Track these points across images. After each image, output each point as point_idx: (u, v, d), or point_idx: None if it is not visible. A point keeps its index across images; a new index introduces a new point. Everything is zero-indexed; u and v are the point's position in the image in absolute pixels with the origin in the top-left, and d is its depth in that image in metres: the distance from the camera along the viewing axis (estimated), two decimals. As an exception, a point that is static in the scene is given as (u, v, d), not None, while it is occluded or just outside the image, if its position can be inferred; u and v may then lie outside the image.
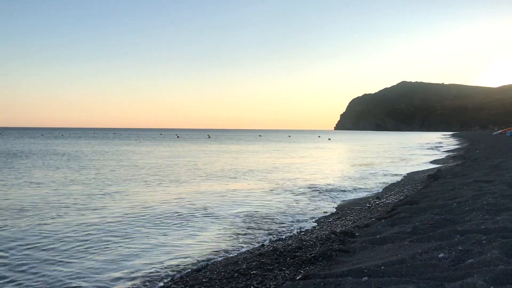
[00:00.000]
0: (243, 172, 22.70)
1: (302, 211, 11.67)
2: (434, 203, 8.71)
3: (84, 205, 12.30)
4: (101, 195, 14.09)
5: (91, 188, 15.69)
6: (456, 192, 9.94)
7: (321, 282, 4.42)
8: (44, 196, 13.81)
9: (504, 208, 7.16)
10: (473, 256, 4.70)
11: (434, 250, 5.14)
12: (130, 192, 14.84)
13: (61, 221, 10.05)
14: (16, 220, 10.14)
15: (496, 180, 10.98)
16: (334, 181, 18.68)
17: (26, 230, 9.10)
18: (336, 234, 7.70)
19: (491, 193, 8.77)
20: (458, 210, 7.60)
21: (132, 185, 16.86)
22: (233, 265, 6.33)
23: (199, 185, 17.21)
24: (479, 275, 3.98)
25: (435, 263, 4.64)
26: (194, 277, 6.04)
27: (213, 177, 20.14)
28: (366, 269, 4.73)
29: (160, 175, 20.68)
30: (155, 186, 16.54)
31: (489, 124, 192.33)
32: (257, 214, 11.06)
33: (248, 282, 5.47)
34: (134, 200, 13.19)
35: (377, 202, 12.54)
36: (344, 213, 11.05)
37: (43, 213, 10.95)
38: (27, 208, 11.66)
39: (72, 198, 13.45)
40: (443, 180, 13.84)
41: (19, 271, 6.56)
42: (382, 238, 6.35)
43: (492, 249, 4.74)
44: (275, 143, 72.73)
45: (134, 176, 19.82)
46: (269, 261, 6.23)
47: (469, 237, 5.41)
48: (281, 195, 14.52)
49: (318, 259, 5.96)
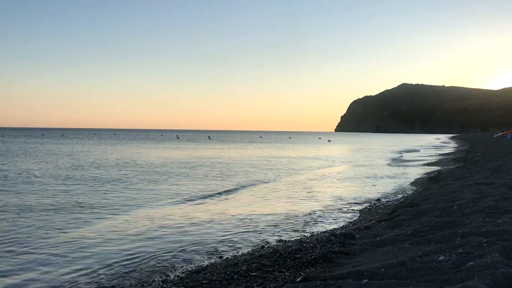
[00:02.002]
0: (238, 172, 22.70)
1: (302, 213, 11.65)
2: (434, 205, 8.70)
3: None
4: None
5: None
6: (457, 194, 9.94)
7: (321, 284, 4.42)
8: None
9: (505, 210, 7.16)
10: (474, 259, 4.70)
11: (435, 253, 5.14)
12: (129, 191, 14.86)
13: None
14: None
15: (496, 183, 10.97)
16: (333, 182, 18.67)
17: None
18: (336, 236, 7.70)
19: (492, 196, 8.76)
20: (458, 212, 7.59)
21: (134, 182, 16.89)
22: (233, 267, 6.32)
23: (197, 184, 17.21)
24: (479, 278, 3.97)
25: (436, 266, 4.63)
26: (193, 278, 6.03)
27: (210, 177, 20.14)
28: (366, 271, 4.72)
29: (158, 173, 20.70)
30: (149, 185, 16.55)
31: (490, 126, 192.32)
32: (257, 216, 11.05)
33: (248, 284, 5.47)
34: (126, 198, 13.20)
35: (377, 204, 12.54)
36: (345, 214, 11.04)
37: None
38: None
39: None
40: (443, 182, 13.84)
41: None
42: (382, 240, 6.34)
43: (492, 252, 4.73)
44: (280, 144, 72.71)
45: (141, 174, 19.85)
46: (269, 263, 6.23)
47: (470, 240, 5.41)
48: (281, 197, 14.51)
49: (318, 261, 5.95)
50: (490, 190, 9.75)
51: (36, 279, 6.33)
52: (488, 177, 12.94)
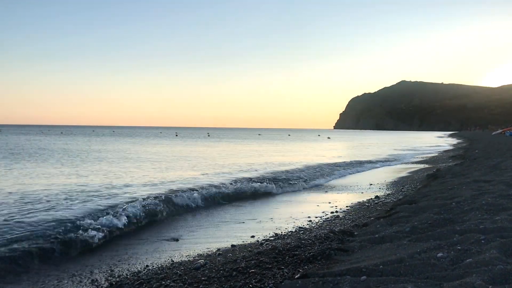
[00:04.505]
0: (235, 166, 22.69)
1: (300, 210, 11.66)
2: (433, 202, 8.71)
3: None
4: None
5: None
6: (455, 191, 9.95)
7: (319, 281, 4.42)
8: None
9: (503, 208, 7.17)
10: (472, 255, 4.71)
11: (433, 250, 5.15)
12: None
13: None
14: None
15: (495, 180, 10.98)
16: (333, 180, 18.68)
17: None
18: (335, 233, 7.70)
19: (490, 193, 8.77)
20: (457, 209, 7.60)
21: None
22: (232, 264, 6.32)
23: (198, 178, 17.20)
24: (477, 275, 3.98)
25: (434, 263, 4.64)
26: (192, 275, 6.03)
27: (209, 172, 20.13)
28: (365, 268, 4.73)
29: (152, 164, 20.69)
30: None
31: (489, 124, 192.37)
32: (256, 213, 11.06)
33: (246, 281, 5.47)
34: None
35: (376, 201, 12.55)
36: (343, 212, 11.05)
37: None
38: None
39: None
40: (442, 179, 13.85)
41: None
42: (381, 237, 6.35)
43: (491, 249, 4.74)
44: (285, 142, 72.70)
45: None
46: (267, 259, 6.23)
47: (468, 237, 5.42)
48: (280, 194, 14.53)
49: (317, 258, 5.96)
50: (488, 187, 9.76)
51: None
52: (487, 175, 12.95)
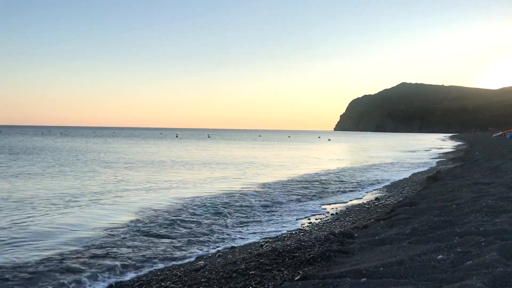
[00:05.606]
0: (236, 167, 22.69)
1: (301, 211, 11.66)
2: (433, 204, 8.70)
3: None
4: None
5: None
6: (455, 193, 9.93)
7: (319, 283, 4.42)
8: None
9: (503, 210, 7.16)
10: (472, 258, 4.70)
11: (433, 252, 5.14)
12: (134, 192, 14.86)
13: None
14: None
15: (495, 182, 10.97)
16: (332, 182, 18.67)
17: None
18: (335, 235, 7.70)
19: (490, 195, 8.76)
20: (457, 211, 7.60)
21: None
22: (232, 265, 6.32)
23: (199, 183, 17.21)
24: (478, 277, 3.98)
25: (434, 265, 4.64)
26: (192, 277, 6.03)
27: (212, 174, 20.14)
28: (365, 270, 4.72)
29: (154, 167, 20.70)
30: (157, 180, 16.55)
31: (489, 126, 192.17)
32: (256, 213, 11.05)
33: (246, 283, 5.47)
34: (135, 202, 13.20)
35: (376, 203, 12.54)
36: (343, 214, 11.04)
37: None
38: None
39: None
40: (442, 181, 13.83)
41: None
42: (381, 239, 6.34)
43: (491, 251, 4.74)
44: (277, 142, 72.70)
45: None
46: (267, 261, 6.22)
47: (468, 239, 5.41)
48: (280, 196, 14.51)
49: (317, 260, 5.96)
50: (489, 190, 9.75)
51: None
52: (487, 177, 12.94)
